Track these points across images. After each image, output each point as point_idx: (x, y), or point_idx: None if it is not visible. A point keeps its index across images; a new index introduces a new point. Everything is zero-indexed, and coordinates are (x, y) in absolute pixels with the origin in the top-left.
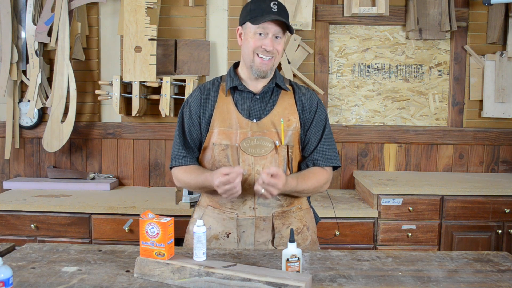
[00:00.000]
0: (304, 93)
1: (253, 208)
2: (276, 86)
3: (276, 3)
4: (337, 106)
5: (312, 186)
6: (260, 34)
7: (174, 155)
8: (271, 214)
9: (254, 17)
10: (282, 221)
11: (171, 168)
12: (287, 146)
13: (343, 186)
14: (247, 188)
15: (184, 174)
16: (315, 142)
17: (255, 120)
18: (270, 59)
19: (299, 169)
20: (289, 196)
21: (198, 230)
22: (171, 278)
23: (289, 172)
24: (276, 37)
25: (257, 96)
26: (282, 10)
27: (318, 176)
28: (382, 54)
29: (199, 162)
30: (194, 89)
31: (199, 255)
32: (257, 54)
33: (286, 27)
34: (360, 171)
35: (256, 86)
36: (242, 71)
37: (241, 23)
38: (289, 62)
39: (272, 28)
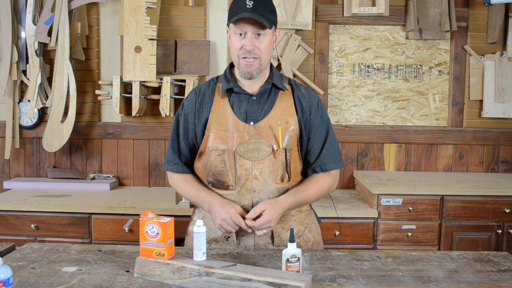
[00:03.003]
0: (303, 93)
1: None
2: (273, 87)
3: None
4: (337, 106)
5: (315, 195)
6: (240, 34)
7: (166, 160)
8: None
9: (231, 16)
10: (281, 224)
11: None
12: (285, 149)
13: (343, 186)
14: (245, 194)
15: (182, 184)
16: (319, 145)
17: (252, 123)
18: (254, 59)
19: (306, 175)
20: None
21: (198, 230)
22: (171, 278)
23: (287, 176)
24: (259, 35)
25: (254, 98)
26: (260, 4)
27: (320, 183)
28: (382, 54)
29: (194, 167)
30: (190, 92)
31: (199, 255)
32: (241, 57)
33: (266, 22)
34: (360, 171)
35: (253, 87)
36: (237, 71)
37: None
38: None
39: (248, 27)
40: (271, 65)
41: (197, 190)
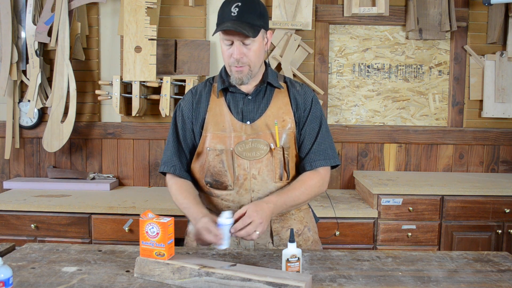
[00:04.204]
0: (298, 90)
1: None
2: (268, 85)
3: (239, 4)
4: (337, 106)
5: (303, 194)
6: (228, 41)
7: (164, 161)
8: None
9: (217, 24)
10: (281, 224)
11: (161, 172)
12: (283, 148)
13: (343, 186)
14: (244, 193)
15: (176, 193)
16: (310, 141)
17: (248, 122)
18: (244, 66)
19: (298, 171)
20: None
21: (224, 222)
22: (171, 278)
23: (286, 175)
24: (245, 44)
25: (249, 97)
26: (246, 10)
27: (307, 182)
28: (382, 54)
29: (191, 168)
30: (186, 92)
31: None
32: (231, 65)
33: (250, 31)
34: (360, 171)
35: (248, 86)
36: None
37: None
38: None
39: (234, 36)
40: (266, 63)
41: (188, 203)
